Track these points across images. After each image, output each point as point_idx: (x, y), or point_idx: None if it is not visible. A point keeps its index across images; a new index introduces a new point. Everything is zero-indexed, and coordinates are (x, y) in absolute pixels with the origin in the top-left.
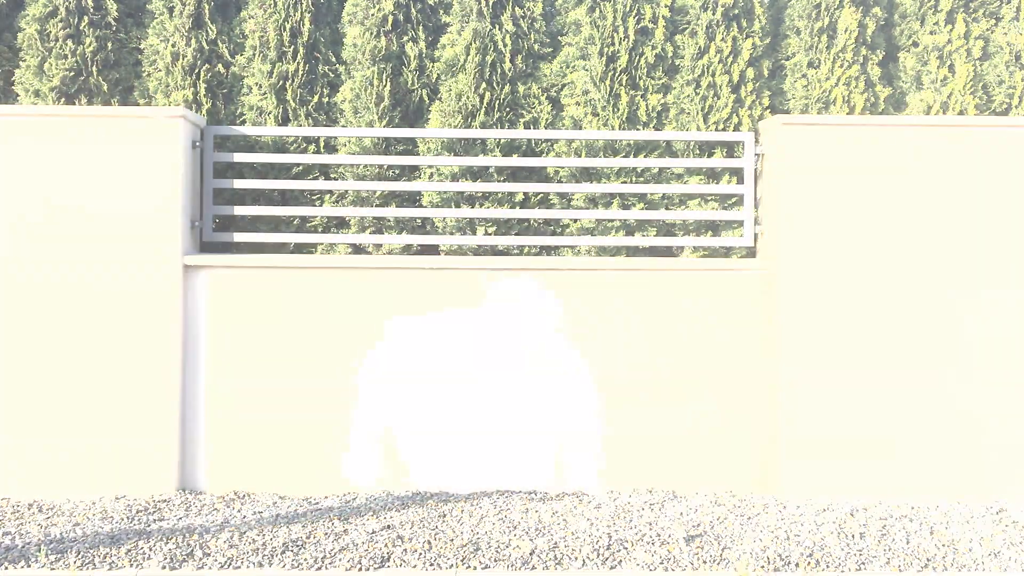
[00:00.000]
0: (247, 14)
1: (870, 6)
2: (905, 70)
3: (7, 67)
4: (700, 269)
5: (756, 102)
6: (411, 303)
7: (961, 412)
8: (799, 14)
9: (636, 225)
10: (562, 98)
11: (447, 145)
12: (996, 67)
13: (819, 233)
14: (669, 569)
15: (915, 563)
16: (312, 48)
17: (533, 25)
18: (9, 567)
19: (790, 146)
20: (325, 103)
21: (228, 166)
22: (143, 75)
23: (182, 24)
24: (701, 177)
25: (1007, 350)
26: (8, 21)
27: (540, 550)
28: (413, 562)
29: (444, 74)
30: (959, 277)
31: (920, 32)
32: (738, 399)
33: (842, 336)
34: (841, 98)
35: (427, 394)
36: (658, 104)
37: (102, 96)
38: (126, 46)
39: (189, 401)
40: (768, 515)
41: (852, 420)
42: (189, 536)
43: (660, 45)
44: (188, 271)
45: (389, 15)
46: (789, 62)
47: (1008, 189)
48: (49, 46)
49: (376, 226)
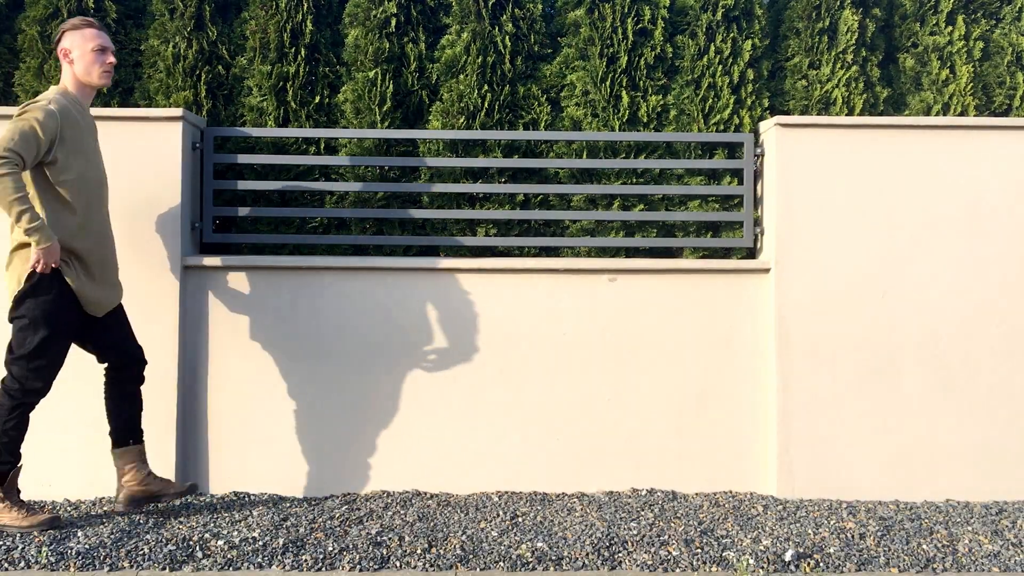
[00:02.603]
0: (248, 15)
1: (870, 7)
2: (905, 71)
3: (7, 69)
4: (701, 270)
5: (756, 103)
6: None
7: (965, 412)
8: (799, 15)
9: (636, 226)
10: (562, 99)
11: (448, 146)
12: (997, 68)
13: (819, 233)
14: (669, 569)
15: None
16: (313, 49)
17: (533, 26)
18: (9, 568)
19: (789, 147)
20: (326, 104)
21: (228, 167)
22: (143, 76)
23: (183, 25)
24: (702, 178)
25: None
26: (8, 23)
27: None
28: (414, 563)
29: (444, 75)
30: (958, 277)
31: (920, 33)
32: (738, 399)
33: (841, 336)
34: (841, 99)
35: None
36: (658, 105)
37: (102, 97)
38: (126, 47)
39: (189, 402)
40: (768, 515)
41: (851, 420)
42: (190, 536)
43: (660, 46)
44: (188, 272)
45: (391, 16)
46: (789, 63)
47: (1008, 189)
48: (49, 47)
49: (377, 227)
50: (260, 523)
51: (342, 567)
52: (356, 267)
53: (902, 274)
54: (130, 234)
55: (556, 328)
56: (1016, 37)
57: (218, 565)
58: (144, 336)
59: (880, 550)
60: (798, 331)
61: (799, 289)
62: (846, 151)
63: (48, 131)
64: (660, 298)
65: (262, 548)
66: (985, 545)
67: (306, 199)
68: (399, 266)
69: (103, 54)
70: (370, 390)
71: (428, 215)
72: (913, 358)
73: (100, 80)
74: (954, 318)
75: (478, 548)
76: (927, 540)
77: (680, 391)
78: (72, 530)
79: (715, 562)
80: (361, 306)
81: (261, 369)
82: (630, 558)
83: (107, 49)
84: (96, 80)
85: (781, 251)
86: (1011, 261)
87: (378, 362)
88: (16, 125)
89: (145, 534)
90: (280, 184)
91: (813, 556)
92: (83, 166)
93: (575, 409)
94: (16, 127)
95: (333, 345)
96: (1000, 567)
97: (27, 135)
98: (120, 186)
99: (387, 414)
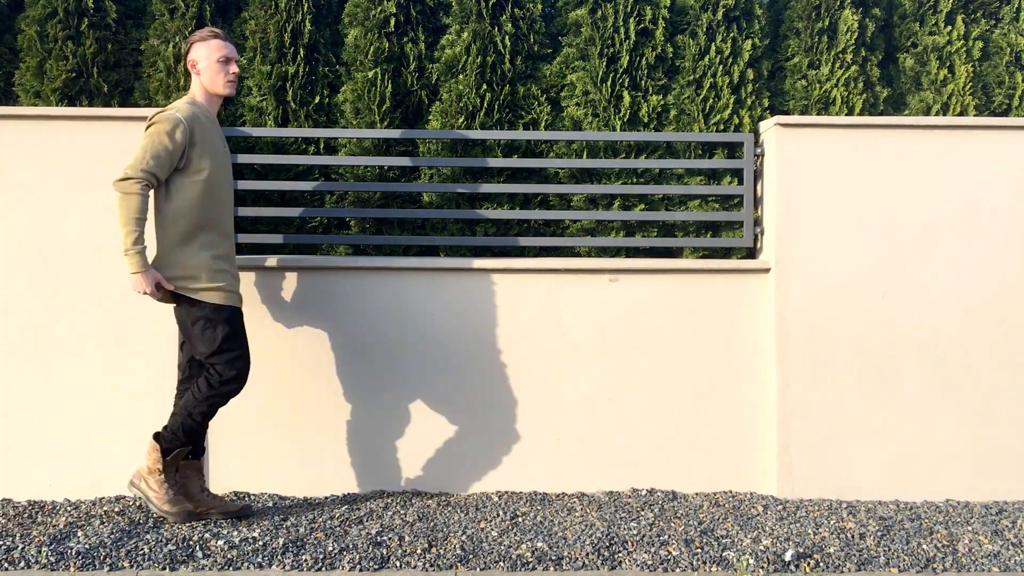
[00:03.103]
0: (248, 15)
1: (869, 7)
2: (904, 71)
3: (7, 68)
4: (701, 270)
5: (756, 103)
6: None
7: (965, 412)
8: (799, 15)
9: (636, 226)
10: (562, 99)
11: (447, 146)
12: (996, 68)
13: (819, 233)
14: (669, 569)
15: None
16: (313, 49)
17: (533, 26)
18: (9, 568)
19: (789, 147)
20: (325, 104)
21: None
22: (143, 76)
23: (184, 25)
24: (702, 178)
25: (1005, 352)
26: (8, 23)
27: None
28: (414, 563)
29: (444, 75)
30: (958, 277)
31: (919, 33)
32: (738, 398)
33: (841, 336)
34: (841, 99)
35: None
36: (658, 105)
37: (102, 97)
38: (126, 47)
39: None
40: (768, 515)
41: (851, 420)
42: (190, 536)
43: (660, 46)
44: None
45: (390, 16)
46: (789, 63)
47: (1008, 189)
48: (49, 47)
49: (376, 227)
50: (260, 523)
51: (342, 567)
52: (356, 267)
53: (902, 274)
54: None
55: (556, 328)
56: (1015, 37)
57: (218, 565)
58: (144, 336)
59: (880, 550)
60: (798, 331)
61: (799, 289)
62: (846, 151)
63: (177, 139)
64: (660, 298)
65: (262, 548)
66: (985, 545)
67: (306, 199)
68: (400, 266)
69: (227, 64)
70: (371, 389)
71: (428, 215)
72: (913, 358)
73: (225, 90)
74: (954, 318)
75: (478, 548)
76: (927, 540)
77: (680, 391)
78: (72, 530)
79: (715, 562)
80: (361, 306)
81: (260, 368)
82: (630, 558)
83: (231, 60)
84: (221, 90)
85: (781, 251)
86: (1011, 261)
87: (378, 360)
88: (147, 142)
89: (145, 534)
90: (279, 184)
91: (813, 556)
92: (213, 168)
93: (575, 409)
94: (147, 144)
95: (333, 345)
96: (1000, 567)
97: (159, 152)
98: None
99: (387, 414)
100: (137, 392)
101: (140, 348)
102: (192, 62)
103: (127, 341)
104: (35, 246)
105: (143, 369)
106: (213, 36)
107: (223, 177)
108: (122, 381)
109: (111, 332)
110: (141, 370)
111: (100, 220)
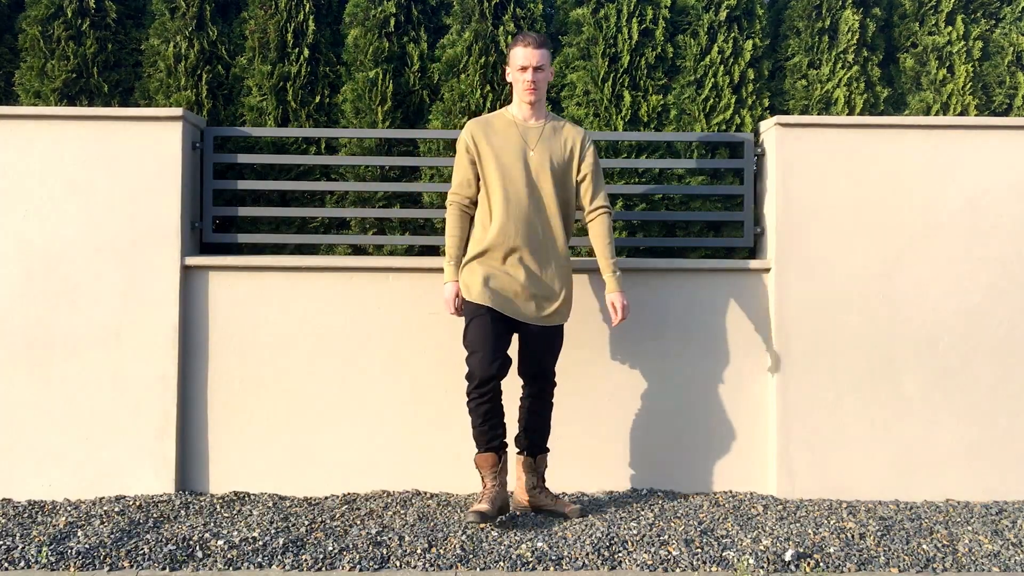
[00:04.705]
0: (248, 15)
1: (870, 7)
2: (905, 71)
3: (8, 69)
4: (702, 269)
5: (757, 103)
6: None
7: (965, 412)
8: (799, 15)
9: (638, 225)
10: (562, 99)
11: (449, 145)
12: (996, 68)
13: (819, 233)
14: (669, 569)
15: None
16: (313, 49)
17: (534, 26)
18: (9, 568)
19: (789, 147)
20: (326, 104)
21: (228, 167)
22: (143, 76)
23: (185, 25)
24: (703, 178)
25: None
26: (9, 22)
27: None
28: (414, 563)
29: (445, 75)
30: (958, 277)
31: (919, 33)
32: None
33: (841, 335)
34: (842, 99)
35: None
36: (658, 105)
37: (102, 97)
38: (126, 47)
39: (189, 402)
40: (768, 515)
41: (851, 420)
42: (190, 536)
43: (661, 46)
44: (189, 272)
45: (391, 16)
46: (789, 63)
47: (1008, 189)
48: (51, 47)
49: (378, 227)
50: (260, 523)
51: (342, 567)
52: (357, 267)
53: (902, 274)
54: (130, 234)
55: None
56: (1016, 37)
57: (218, 565)
58: (144, 336)
59: (880, 550)
60: (798, 331)
61: (799, 289)
62: (846, 151)
63: (462, 155)
64: (661, 297)
65: (262, 548)
66: (985, 545)
67: (306, 199)
68: (400, 266)
69: (523, 72)
70: (371, 389)
71: (429, 215)
72: (913, 358)
73: (523, 97)
74: (954, 318)
75: (478, 548)
76: (927, 540)
77: (680, 391)
78: (72, 530)
79: (715, 562)
80: (362, 305)
81: (261, 369)
82: (630, 558)
83: (527, 67)
84: (521, 96)
85: (781, 251)
86: (1011, 261)
87: (378, 360)
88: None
89: (145, 534)
90: (280, 184)
91: (813, 556)
92: (502, 176)
93: (575, 408)
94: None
95: (333, 345)
96: (1000, 567)
97: (455, 170)
98: (120, 186)
99: (386, 414)
100: (137, 392)
101: (140, 348)
102: (506, 69)
103: (127, 341)
104: (35, 246)
105: (143, 369)
106: (515, 44)
107: (514, 186)
108: (122, 381)
109: (111, 332)
110: (141, 370)
111: (100, 220)
